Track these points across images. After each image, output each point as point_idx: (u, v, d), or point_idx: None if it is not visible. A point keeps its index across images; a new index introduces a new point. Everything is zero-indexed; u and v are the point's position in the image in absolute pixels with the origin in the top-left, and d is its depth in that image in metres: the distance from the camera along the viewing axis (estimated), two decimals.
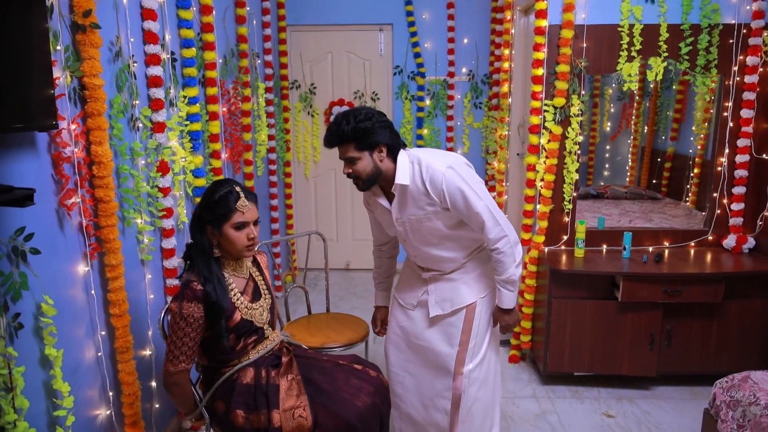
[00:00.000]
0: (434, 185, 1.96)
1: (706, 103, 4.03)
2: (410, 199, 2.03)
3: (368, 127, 1.91)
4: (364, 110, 1.95)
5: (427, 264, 2.19)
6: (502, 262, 2.04)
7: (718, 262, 2.99)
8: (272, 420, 1.81)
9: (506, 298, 2.10)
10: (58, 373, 1.75)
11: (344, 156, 1.98)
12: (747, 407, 2.02)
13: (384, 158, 1.98)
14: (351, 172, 1.99)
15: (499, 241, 2.01)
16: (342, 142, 1.95)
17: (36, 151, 1.72)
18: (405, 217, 2.07)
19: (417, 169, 2.00)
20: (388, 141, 1.96)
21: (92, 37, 1.87)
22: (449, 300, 2.15)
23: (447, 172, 1.96)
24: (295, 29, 4.66)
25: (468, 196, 1.95)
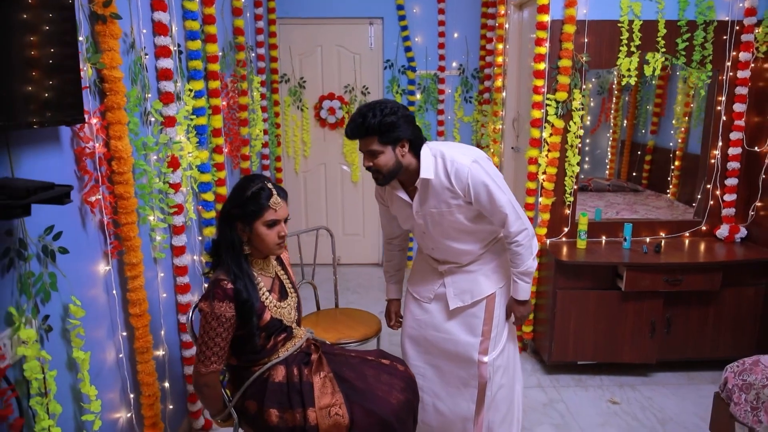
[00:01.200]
0: (459, 180, 1.97)
1: (686, 97, 4.16)
2: (432, 193, 2.03)
3: (394, 122, 1.91)
4: (390, 104, 1.94)
5: (445, 257, 2.20)
6: (520, 255, 2.08)
7: (714, 252, 3.09)
8: (308, 418, 1.79)
9: (522, 289, 2.14)
10: (86, 376, 1.69)
11: (366, 149, 1.97)
12: (760, 390, 2.10)
13: (406, 153, 1.98)
14: (372, 166, 1.98)
15: (519, 234, 2.04)
16: (366, 135, 1.94)
17: (60, 147, 1.65)
18: (426, 210, 2.07)
19: (440, 163, 2.00)
20: (411, 136, 1.96)
21: (112, 27, 1.81)
22: (469, 291, 2.17)
23: (472, 167, 1.97)
24: (285, 22, 4.59)
25: (492, 190, 1.97)
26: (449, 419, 2.25)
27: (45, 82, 1.41)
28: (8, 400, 1.39)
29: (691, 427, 2.70)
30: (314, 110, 4.83)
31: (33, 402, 1.47)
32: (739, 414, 2.17)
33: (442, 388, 2.25)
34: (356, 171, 4.92)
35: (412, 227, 2.19)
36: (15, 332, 1.43)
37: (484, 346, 2.15)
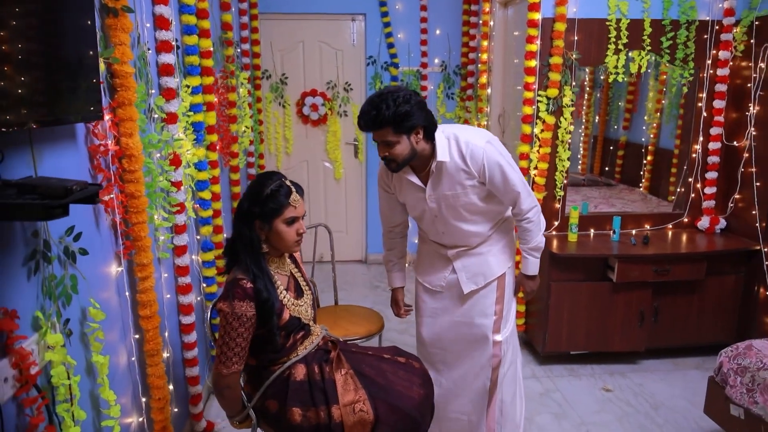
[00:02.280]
0: (475, 160, 2.00)
1: (658, 94, 4.31)
2: (447, 176, 2.05)
3: (408, 111, 1.90)
4: (402, 92, 1.93)
5: (454, 241, 2.21)
6: (530, 231, 2.15)
7: (697, 243, 3.22)
8: (332, 416, 1.78)
9: (533, 264, 2.21)
10: (105, 381, 1.65)
11: (382, 140, 1.97)
12: (756, 372, 2.21)
13: (420, 140, 1.99)
14: (387, 156, 1.98)
15: (530, 211, 2.12)
16: (381, 127, 1.93)
17: (76, 144, 1.60)
18: (440, 193, 2.09)
19: (455, 146, 2.02)
20: (425, 123, 1.97)
21: (123, 21, 1.75)
22: (481, 274, 2.21)
23: (487, 147, 2.01)
24: (266, 17, 4.52)
25: (506, 170, 2.02)
26: (466, 400, 2.29)
27: (65, 78, 1.36)
28: (40, 408, 1.35)
29: (682, 411, 2.81)
30: (296, 107, 4.78)
31: (60, 409, 1.42)
32: (735, 396, 2.28)
33: (459, 372, 2.28)
34: (339, 168, 4.91)
35: (422, 213, 2.18)
36: (42, 337, 1.38)
37: (497, 326, 2.21)
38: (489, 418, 2.31)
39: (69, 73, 1.38)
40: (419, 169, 2.10)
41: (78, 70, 1.42)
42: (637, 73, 4.18)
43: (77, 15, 1.41)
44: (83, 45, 1.44)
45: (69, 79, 1.37)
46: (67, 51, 1.37)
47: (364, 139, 4.86)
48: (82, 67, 1.43)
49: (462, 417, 2.34)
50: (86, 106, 1.46)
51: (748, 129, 3.15)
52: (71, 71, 1.39)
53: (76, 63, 1.41)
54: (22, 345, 1.28)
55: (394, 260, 2.44)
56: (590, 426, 2.70)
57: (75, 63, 1.40)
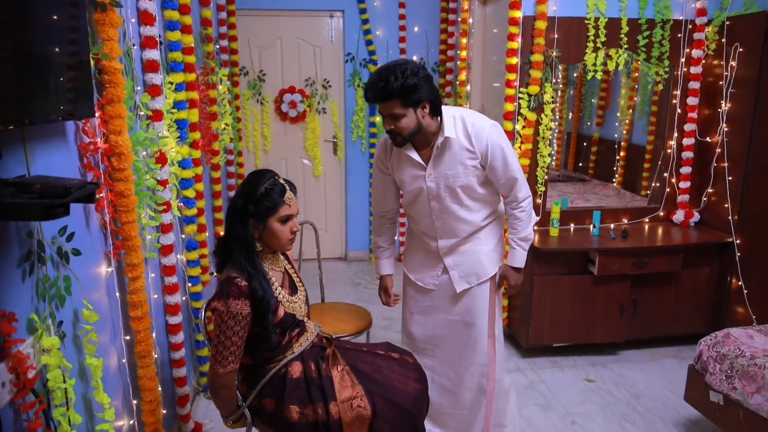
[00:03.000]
0: (479, 140, 2.03)
1: (630, 91, 4.42)
2: (449, 154, 2.07)
3: (416, 84, 1.91)
4: (410, 64, 1.93)
5: (445, 230, 2.20)
6: (522, 221, 2.18)
7: (673, 236, 3.32)
8: (330, 412, 1.78)
9: (519, 256, 2.23)
10: (99, 384, 1.61)
11: (388, 112, 1.97)
12: (734, 359, 2.29)
13: (426, 115, 1.99)
14: (393, 128, 1.99)
15: (525, 200, 2.16)
16: (388, 99, 1.93)
17: (66, 142, 1.56)
18: (440, 172, 2.10)
19: (460, 124, 2.05)
20: (431, 97, 1.97)
21: (112, 16, 1.71)
22: (474, 273, 2.23)
23: (492, 129, 2.05)
24: (243, 13, 4.47)
25: (507, 153, 2.07)
26: (461, 397, 2.32)
27: (57, 74, 1.33)
28: (38, 412, 1.31)
29: (662, 399, 2.90)
30: (274, 104, 4.74)
31: (56, 413, 1.39)
32: (714, 383, 2.36)
33: (451, 369, 2.31)
34: (318, 165, 4.89)
35: (417, 194, 2.17)
36: (38, 340, 1.34)
37: (491, 320, 2.25)
38: (486, 412, 2.34)
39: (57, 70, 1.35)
40: (421, 147, 2.10)
41: (68, 66, 1.38)
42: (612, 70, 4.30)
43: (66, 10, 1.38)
44: (73, 40, 1.40)
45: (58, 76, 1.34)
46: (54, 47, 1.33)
47: (343, 137, 4.85)
48: (71, 63, 1.40)
49: (458, 412, 2.36)
50: (78, 103, 1.43)
51: (720, 125, 3.26)
52: (61, 67, 1.36)
53: (66, 59, 1.38)
54: (19, 348, 1.25)
55: (383, 246, 2.42)
56: (575, 416, 2.76)
57: (65, 59, 1.37)
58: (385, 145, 2.22)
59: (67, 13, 1.38)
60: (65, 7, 1.38)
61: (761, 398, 2.15)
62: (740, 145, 3.16)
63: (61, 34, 1.36)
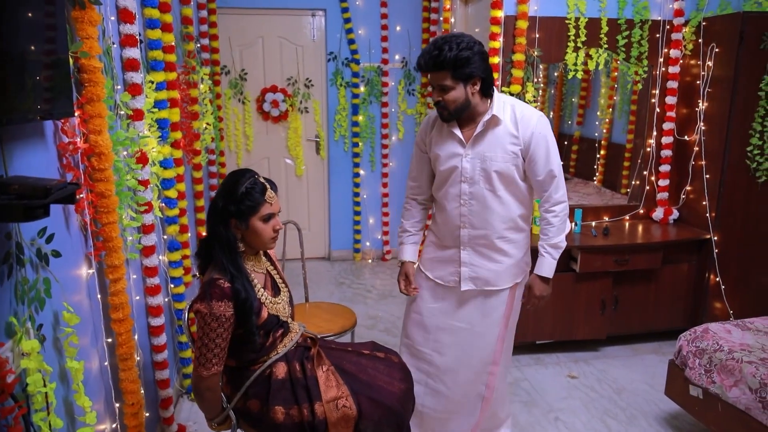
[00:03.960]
0: (526, 126, 2.00)
1: (609, 90, 4.48)
2: (492, 136, 2.03)
3: (469, 57, 1.89)
4: (466, 38, 1.92)
5: (472, 217, 2.10)
6: (555, 227, 2.11)
7: (654, 233, 3.37)
8: (316, 413, 1.78)
9: (548, 264, 2.14)
10: (80, 387, 1.58)
11: (438, 83, 1.95)
12: (713, 354, 2.34)
13: (476, 92, 1.97)
14: (441, 101, 1.97)
15: (560, 204, 2.10)
16: (440, 69, 1.91)
17: (45, 142, 1.53)
18: (477, 152, 2.04)
19: (509, 109, 2.03)
20: (484, 74, 1.95)
21: (91, 13, 1.69)
22: (485, 279, 2.15)
23: (540, 119, 2.03)
24: (225, 12, 4.43)
25: (551, 146, 2.03)
26: (457, 402, 2.29)
27: (34, 73, 1.31)
28: (17, 417, 1.29)
29: (643, 394, 2.94)
30: (256, 103, 4.71)
31: (36, 418, 1.36)
32: (694, 377, 2.40)
33: (450, 375, 2.25)
34: (300, 165, 4.87)
35: (451, 174, 2.09)
36: (17, 344, 1.32)
37: (501, 335, 2.22)
38: (480, 419, 2.33)
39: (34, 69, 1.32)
40: (465, 124, 2.06)
41: (46, 65, 1.36)
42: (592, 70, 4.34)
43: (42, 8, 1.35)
44: (51, 38, 1.38)
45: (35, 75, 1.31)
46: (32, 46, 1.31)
47: (326, 136, 4.84)
48: (49, 62, 1.37)
49: (450, 416, 2.34)
50: (57, 102, 1.41)
51: (698, 124, 3.32)
52: (39, 66, 1.34)
53: (44, 57, 1.35)
54: None
55: (410, 231, 2.32)
56: (558, 412, 2.79)
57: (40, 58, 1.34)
58: (428, 121, 2.18)
59: (43, 11, 1.36)
60: (41, 5, 1.35)
61: (739, 391, 2.19)
62: (717, 144, 3.22)
63: (38, 32, 1.34)
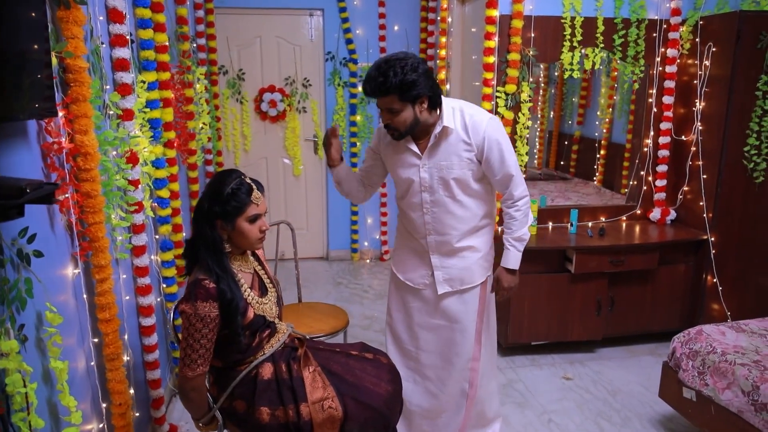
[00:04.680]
0: (476, 132, 2.01)
1: (610, 90, 4.45)
2: (446, 145, 2.05)
3: (414, 80, 1.89)
4: (410, 60, 1.91)
5: (435, 225, 2.15)
6: (518, 220, 2.14)
7: (650, 233, 3.35)
8: (301, 414, 1.77)
9: (514, 257, 2.18)
10: (65, 387, 1.58)
11: (386, 107, 1.95)
12: (706, 356, 2.32)
13: (424, 110, 1.98)
14: (390, 123, 1.98)
15: (522, 199, 2.12)
16: (386, 94, 1.91)
17: (28, 142, 1.53)
18: (434, 163, 2.07)
19: (459, 116, 2.03)
20: (430, 92, 1.96)
21: (76, 13, 1.68)
22: (459, 279, 2.19)
23: (490, 122, 2.03)
24: (222, 11, 4.43)
25: (504, 148, 2.04)
26: (443, 399, 2.30)
27: (16, 72, 1.30)
28: None
29: (638, 396, 2.92)
30: (254, 103, 4.71)
31: (16, 418, 1.36)
32: (687, 379, 2.38)
33: (434, 372, 2.28)
34: (298, 164, 4.86)
35: (410, 185, 2.13)
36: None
37: (479, 329, 2.24)
38: (465, 417, 2.34)
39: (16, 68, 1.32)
40: (418, 137, 2.08)
41: (28, 64, 1.36)
42: (590, 69, 4.32)
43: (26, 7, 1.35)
44: (33, 37, 1.38)
45: (17, 74, 1.31)
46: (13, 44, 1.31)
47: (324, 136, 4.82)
48: (31, 61, 1.37)
49: (437, 416, 2.34)
50: (39, 102, 1.40)
51: (695, 124, 3.29)
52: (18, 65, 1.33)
53: (23, 57, 1.35)
54: None
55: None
56: (552, 414, 2.77)
57: (22, 57, 1.34)
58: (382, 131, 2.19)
59: (27, 10, 1.35)
60: (24, 4, 1.35)
61: (731, 394, 2.17)
62: (714, 144, 3.19)
63: (20, 32, 1.33)
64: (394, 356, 2.34)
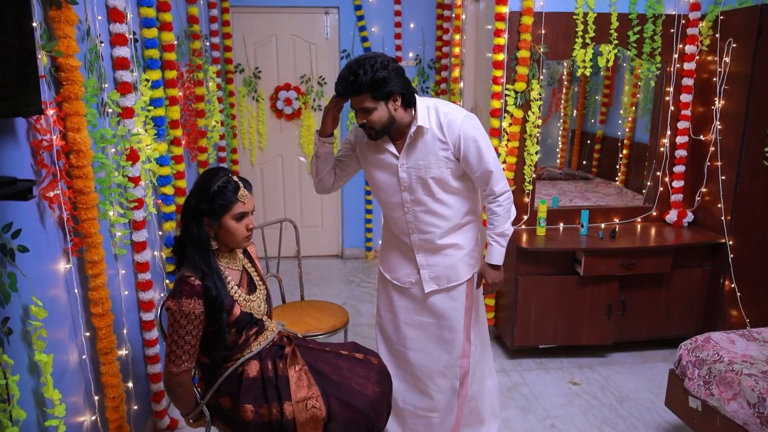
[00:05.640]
0: (451, 131, 2.00)
1: (633, 88, 4.32)
2: (422, 144, 2.04)
3: (385, 77, 1.88)
4: (380, 58, 1.91)
5: (417, 224, 2.14)
6: (500, 216, 2.13)
7: (665, 236, 3.24)
8: (285, 412, 1.77)
9: (497, 252, 2.17)
10: (49, 380, 1.61)
11: (359, 106, 1.95)
12: (712, 365, 2.23)
13: (398, 107, 1.97)
14: (365, 123, 1.96)
15: (502, 195, 2.10)
16: (358, 93, 1.91)
17: (16, 140, 1.56)
18: (412, 162, 2.06)
19: (434, 115, 2.02)
20: (403, 90, 1.95)
21: (68, 13, 1.71)
22: (445, 277, 2.19)
23: (465, 120, 2.01)
24: (238, 11, 4.47)
25: (481, 145, 2.02)
26: (434, 398, 2.29)
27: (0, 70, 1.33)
28: None
29: (646, 404, 2.83)
30: (270, 101, 4.74)
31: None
32: (693, 389, 2.29)
33: (423, 370, 2.27)
34: None
35: (389, 185, 2.12)
36: None
37: (467, 326, 2.21)
38: (458, 415, 2.31)
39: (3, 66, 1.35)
40: (395, 138, 2.08)
41: (13, 63, 1.38)
42: (613, 66, 4.20)
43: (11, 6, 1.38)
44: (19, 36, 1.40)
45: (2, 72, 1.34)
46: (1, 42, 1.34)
47: (339, 134, 4.83)
48: (17, 60, 1.40)
49: (430, 415, 2.33)
50: (24, 101, 1.43)
51: (714, 123, 3.17)
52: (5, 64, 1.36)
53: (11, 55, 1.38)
54: None
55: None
56: (555, 419, 2.71)
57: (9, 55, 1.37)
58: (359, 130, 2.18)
59: (11, 9, 1.38)
60: (9, 3, 1.38)
61: (737, 405, 2.08)
62: (733, 144, 3.07)
63: (4, 30, 1.36)
64: (384, 356, 2.33)
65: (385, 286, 2.33)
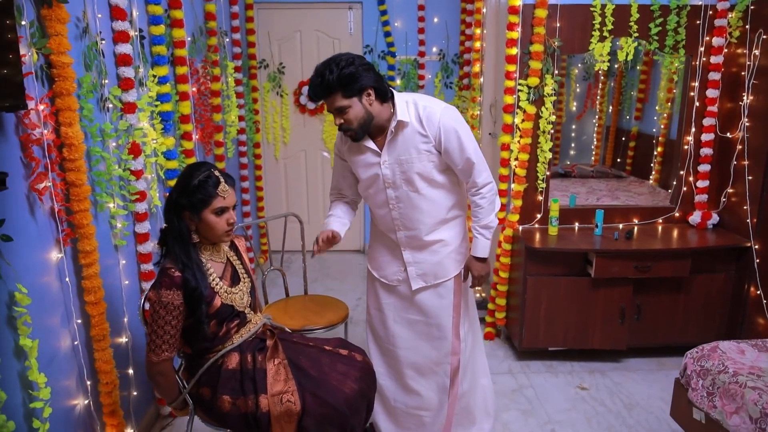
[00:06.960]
0: (431, 123, 1.99)
1: (669, 83, 4.13)
2: (403, 139, 2.03)
3: (353, 72, 1.88)
4: (344, 56, 1.92)
5: (403, 220, 2.14)
6: (483, 208, 2.11)
7: (685, 238, 3.09)
8: (260, 405, 1.79)
9: (482, 245, 2.14)
10: (33, 364, 1.69)
11: (333, 107, 1.95)
12: (716, 375, 2.11)
13: (373, 102, 1.96)
14: (343, 123, 1.96)
15: (485, 186, 2.08)
16: (329, 94, 1.91)
17: (4, 134, 1.63)
18: (395, 158, 2.05)
19: (413, 109, 2.02)
20: (374, 83, 1.94)
21: (58, 11, 1.78)
22: (433, 274, 2.18)
23: (444, 112, 2.00)
24: (263, 7, 4.54)
25: (461, 136, 2.00)
26: (424, 396, 2.27)
27: None
28: None
29: (656, 412, 2.72)
30: (294, 96, 4.79)
31: None
32: (696, 400, 2.19)
33: (413, 368, 2.26)
34: None
35: (373, 182, 2.12)
36: None
37: (456, 321, 2.19)
38: (449, 414, 2.29)
39: None
40: (375, 135, 2.07)
41: None
42: (649, 61, 4.02)
43: None
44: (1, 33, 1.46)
45: None
46: None
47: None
48: None
49: (420, 413, 2.31)
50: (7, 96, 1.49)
51: (742, 120, 3.00)
52: None
53: None
54: None
55: (333, 214, 2.25)
56: (556, 425, 2.64)
57: None
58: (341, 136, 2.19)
59: None
60: None
61: (739, 419, 1.97)
62: (762, 142, 2.89)
63: None
64: (374, 354, 2.32)
65: (373, 284, 2.33)
